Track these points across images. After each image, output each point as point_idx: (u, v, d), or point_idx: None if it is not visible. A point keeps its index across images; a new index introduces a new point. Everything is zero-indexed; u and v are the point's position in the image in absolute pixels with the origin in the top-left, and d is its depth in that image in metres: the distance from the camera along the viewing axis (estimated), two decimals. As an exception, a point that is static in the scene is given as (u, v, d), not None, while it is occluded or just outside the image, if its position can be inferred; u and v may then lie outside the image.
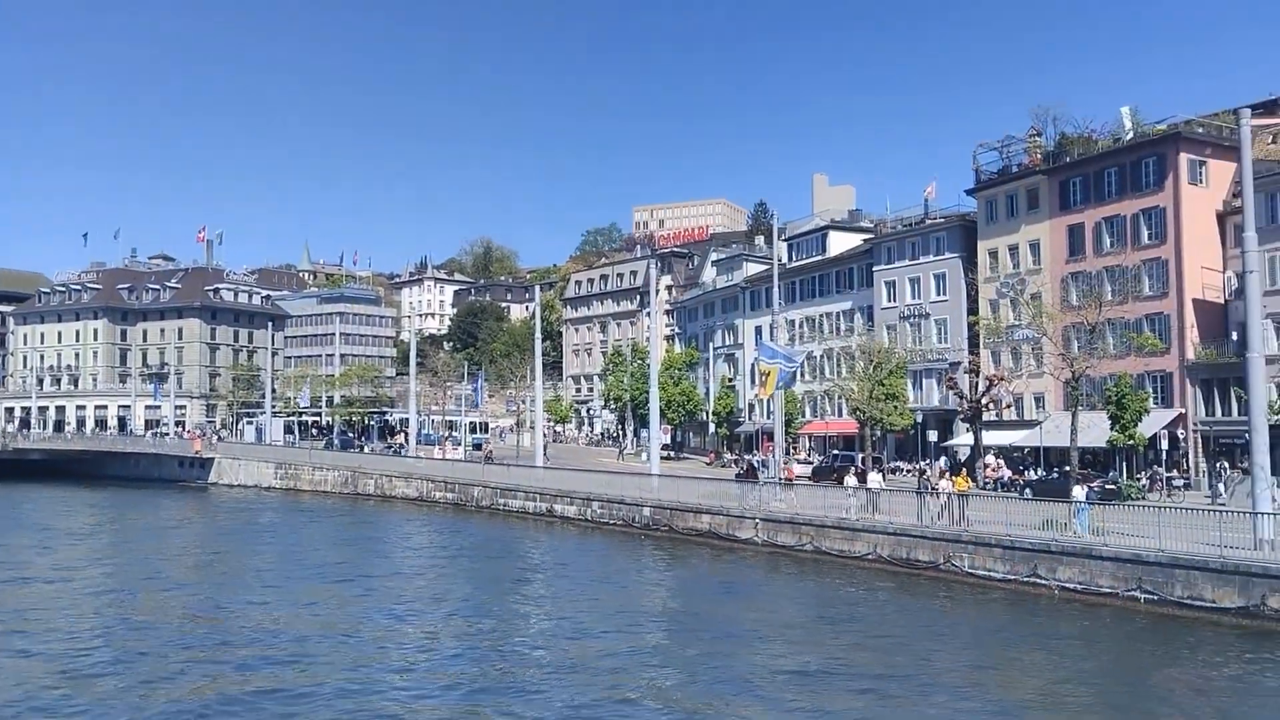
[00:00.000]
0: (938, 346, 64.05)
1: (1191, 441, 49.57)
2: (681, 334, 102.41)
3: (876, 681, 19.47)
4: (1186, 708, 17.99)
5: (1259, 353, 27.20)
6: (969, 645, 23.18)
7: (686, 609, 27.89)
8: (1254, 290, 27.37)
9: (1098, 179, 55.39)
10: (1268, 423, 27.66)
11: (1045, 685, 19.50)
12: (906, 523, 32.99)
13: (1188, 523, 26.60)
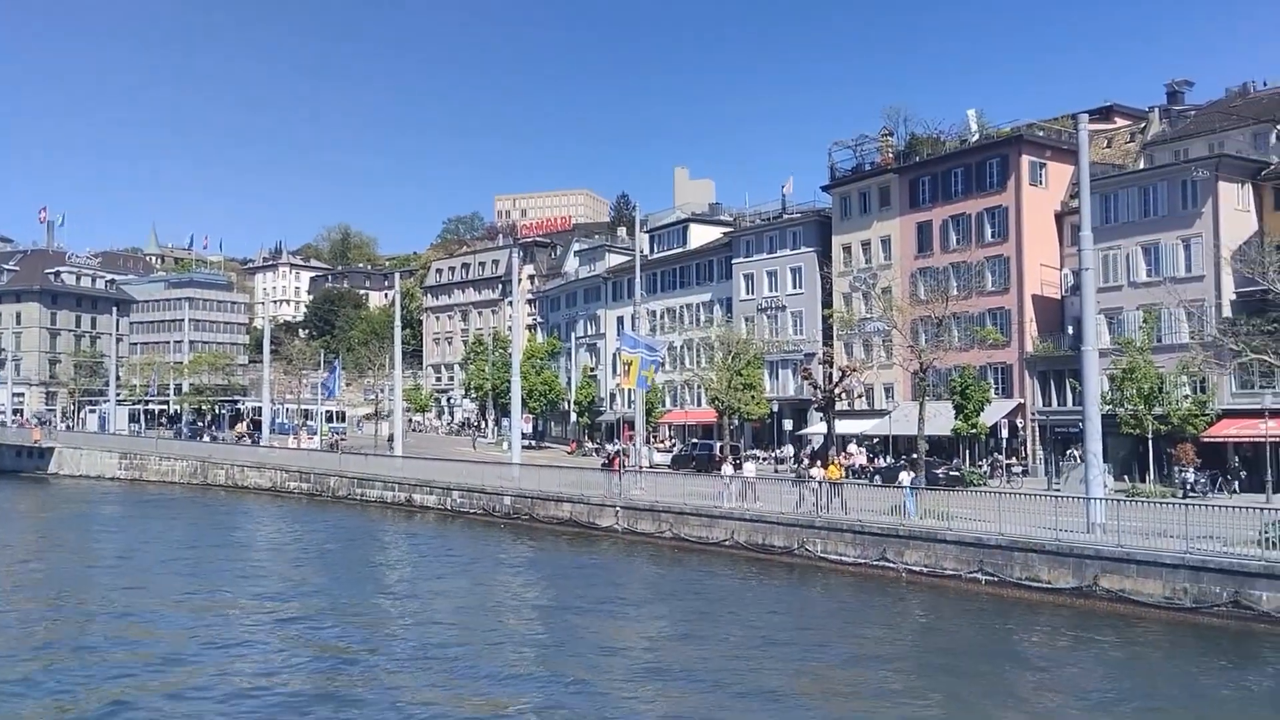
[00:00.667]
0: (794, 338, 65.57)
1: (1030, 430, 52.19)
2: (544, 323, 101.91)
3: (723, 662, 19.81)
4: (1016, 681, 18.78)
5: (1093, 346, 28.78)
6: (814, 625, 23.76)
7: (542, 595, 27.84)
8: (1089, 287, 28.87)
9: (945, 178, 57.62)
10: (1100, 413, 29.19)
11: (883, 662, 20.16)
12: (762, 509, 33.55)
13: (1026, 508, 27.76)
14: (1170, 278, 46.23)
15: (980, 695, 17.77)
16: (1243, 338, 30.41)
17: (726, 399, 46.06)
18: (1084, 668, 19.81)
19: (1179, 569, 22.71)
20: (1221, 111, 53.76)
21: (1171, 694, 17.87)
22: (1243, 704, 17.33)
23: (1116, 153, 56.95)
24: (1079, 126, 30.28)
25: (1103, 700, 17.65)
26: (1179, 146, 52.58)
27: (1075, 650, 21.00)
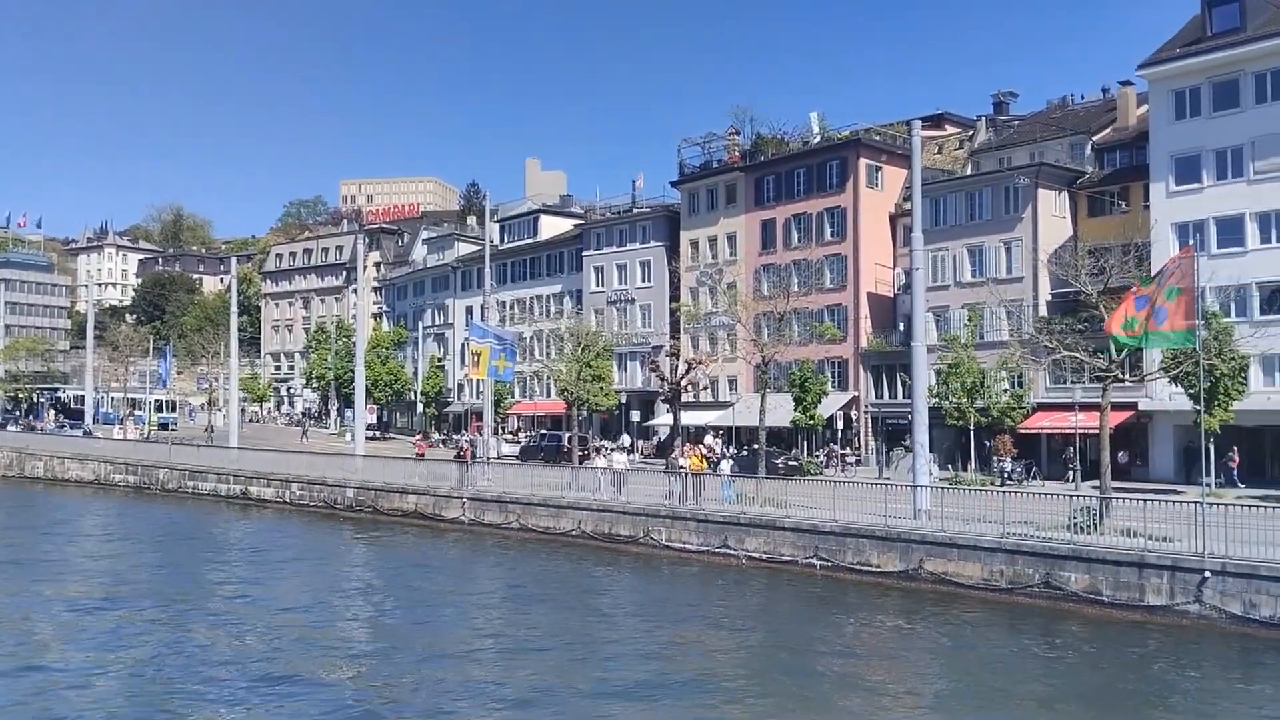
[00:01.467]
0: (642, 330, 66.40)
1: (864, 422, 54.48)
2: (390, 312, 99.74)
3: (562, 647, 20.02)
4: (846, 657, 19.59)
5: (922, 342, 30.25)
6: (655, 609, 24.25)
7: (383, 588, 27.37)
8: (919, 286, 30.39)
9: (788, 178, 59.42)
10: (927, 405, 30.68)
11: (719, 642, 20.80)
12: (607, 499, 33.91)
13: (858, 496, 28.92)
14: (993, 278, 49.07)
15: (812, 670, 18.48)
16: (1057, 336, 32.35)
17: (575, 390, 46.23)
18: (909, 644, 20.85)
19: (996, 552, 23.89)
20: (1042, 123, 57.27)
21: (986, 667, 18.96)
22: (1049, 676, 18.59)
23: (947, 159, 59.93)
24: (912, 133, 31.70)
25: (925, 672, 18.67)
26: (1003, 154, 55.75)
27: (902, 628, 22.03)
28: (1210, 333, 32.96)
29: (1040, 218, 48.56)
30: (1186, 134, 43.13)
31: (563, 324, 61.37)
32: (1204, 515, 21.35)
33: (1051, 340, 31.91)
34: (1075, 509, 24.78)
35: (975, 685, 17.85)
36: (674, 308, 61.90)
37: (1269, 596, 19.89)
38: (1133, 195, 47.53)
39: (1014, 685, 17.81)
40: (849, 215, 56.02)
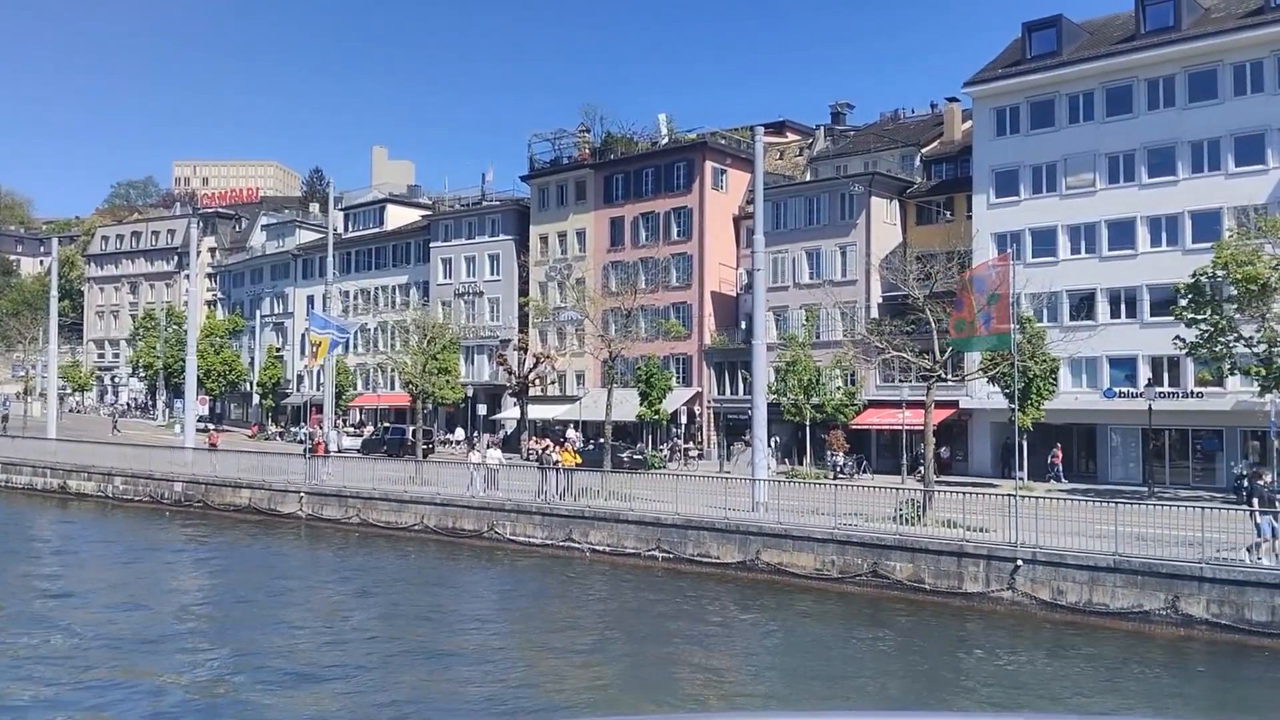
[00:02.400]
0: (490, 324, 65.99)
1: (706, 417, 55.77)
2: (225, 299, 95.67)
3: (392, 641, 20.03)
4: (682, 646, 20.19)
5: (762, 340, 31.28)
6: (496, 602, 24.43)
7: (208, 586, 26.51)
8: (760, 286, 31.39)
9: (637, 177, 60.17)
10: (766, 401, 31.74)
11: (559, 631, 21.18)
12: (452, 493, 33.64)
13: (700, 489, 29.60)
14: (829, 281, 51.05)
15: (648, 657, 19.03)
16: (886, 337, 33.99)
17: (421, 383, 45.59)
18: (746, 630, 21.70)
19: (828, 543, 24.85)
20: (876, 134, 59.85)
21: (818, 650, 19.91)
22: (875, 657, 19.72)
23: (788, 164, 61.87)
24: (755, 138, 32.76)
25: (760, 656, 19.51)
26: (840, 163, 57.97)
27: (739, 616, 22.85)
28: (1024, 336, 35.25)
29: (873, 224, 50.75)
30: (1006, 150, 45.95)
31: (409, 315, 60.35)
32: (1017, 507, 22.79)
33: (881, 341, 33.47)
34: (901, 501, 26.05)
35: (804, 668, 18.64)
36: (523, 302, 61.79)
37: (1074, 584, 21.35)
38: (957, 205, 50.28)
39: (840, 668, 18.70)
40: (695, 216, 57.17)
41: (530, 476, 33.61)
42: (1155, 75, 41.92)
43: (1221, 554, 20.19)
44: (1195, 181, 40.56)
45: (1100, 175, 43.18)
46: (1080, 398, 42.51)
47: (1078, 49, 45.12)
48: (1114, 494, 31.73)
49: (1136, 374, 41.21)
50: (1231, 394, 37.80)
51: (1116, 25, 45.57)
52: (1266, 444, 35.83)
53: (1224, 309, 32.92)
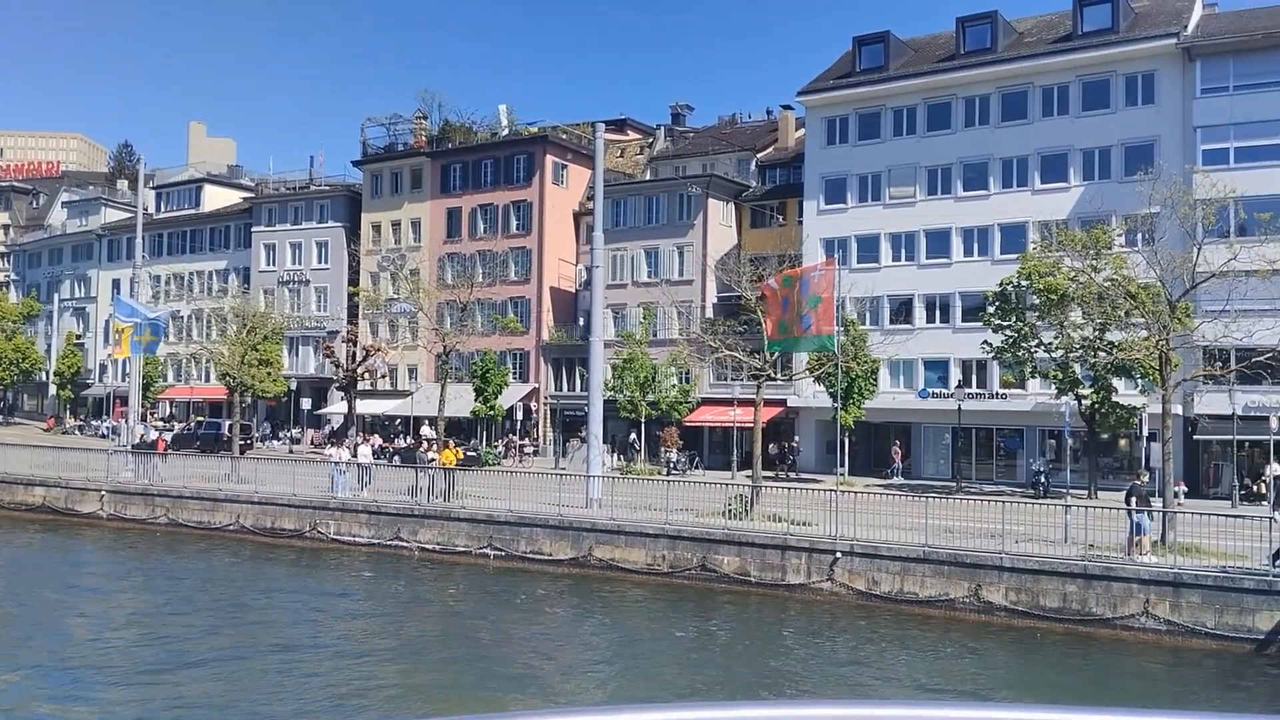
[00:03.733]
0: (317, 314, 63.67)
1: (543, 413, 55.53)
2: (20, 281, 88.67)
3: (204, 646, 19.13)
4: (510, 643, 20.04)
5: (600, 337, 31.52)
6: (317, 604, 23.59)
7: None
8: (599, 283, 31.60)
9: (476, 168, 59.31)
10: (603, 398, 31.93)
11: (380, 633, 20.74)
12: (272, 491, 32.24)
13: (534, 486, 29.45)
14: (666, 280, 51.72)
15: (479, 654, 18.75)
16: (720, 336, 34.62)
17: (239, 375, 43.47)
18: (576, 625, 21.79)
19: (660, 538, 25.17)
20: (714, 137, 60.98)
21: (649, 641, 20.23)
22: (701, 645, 20.13)
23: (628, 163, 62.30)
24: (596, 134, 32.85)
25: (590, 650, 19.66)
26: (679, 163, 58.77)
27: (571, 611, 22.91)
28: (848, 338, 36.66)
29: (710, 226, 51.72)
30: (835, 158, 47.69)
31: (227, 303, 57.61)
32: (837, 502, 23.71)
33: (715, 340, 34.09)
34: (730, 497, 26.66)
35: (633, 660, 18.86)
36: (352, 292, 59.86)
37: (888, 574, 22.44)
38: (789, 210, 51.83)
39: (667, 659, 18.96)
40: (535, 210, 56.80)
41: (404, 476, 32.34)
42: (972, 94, 44.40)
43: (1095, 551, 21.27)
44: (1005, 196, 43.18)
45: (920, 187, 45.41)
46: (898, 397, 44.55)
47: (903, 65, 47.28)
48: (926, 489, 33.44)
49: (949, 376, 43.55)
50: (1032, 395, 40.42)
51: (939, 44, 48.00)
52: (1061, 442, 38.50)
53: (1027, 316, 35.15)
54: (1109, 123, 41.05)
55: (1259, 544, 19.91)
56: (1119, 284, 28.36)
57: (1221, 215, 29.27)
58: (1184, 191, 28.47)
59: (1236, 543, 20.66)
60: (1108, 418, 34.56)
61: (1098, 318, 30.62)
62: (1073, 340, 33.01)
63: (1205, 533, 21.55)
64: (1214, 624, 19.21)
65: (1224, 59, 39.06)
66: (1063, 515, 23.31)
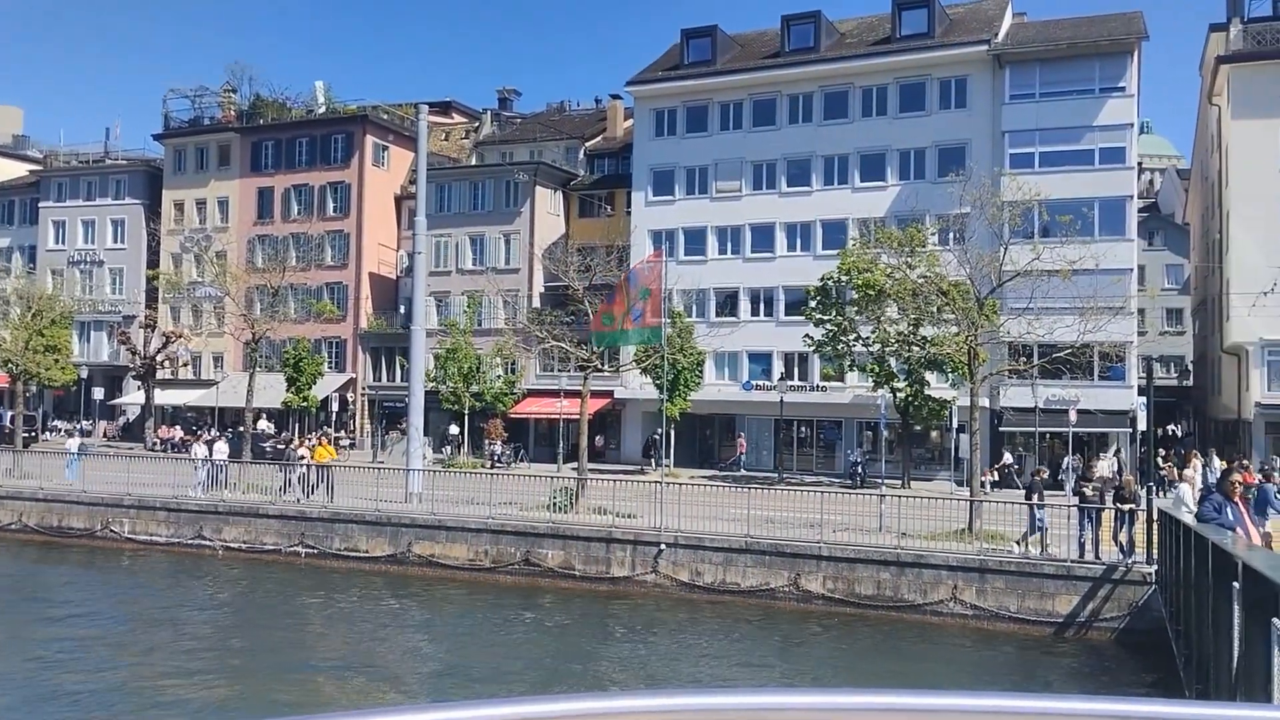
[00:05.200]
0: (111, 297, 59.32)
1: (360, 404, 53.52)
2: None
3: None
4: (323, 643, 19.33)
5: (421, 326, 30.55)
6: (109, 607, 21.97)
7: None
8: (421, 270, 30.58)
9: (290, 146, 56.55)
10: (425, 389, 30.94)
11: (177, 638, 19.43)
12: (58, 488, 29.80)
13: (350, 480, 28.42)
14: (492, 268, 50.74)
15: (282, 657, 17.94)
16: (547, 326, 34.13)
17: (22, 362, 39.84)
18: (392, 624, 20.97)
19: (482, 533, 24.69)
20: (542, 123, 60.26)
21: (470, 638, 19.75)
22: (525, 640, 19.70)
23: (453, 146, 60.82)
24: (419, 116, 31.76)
25: (406, 649, 19.05)
26: (506, 149, 57.79)
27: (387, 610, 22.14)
28: (675, 330, 36.79)
29: (537, 214, 51.06)
30: (664, 150, 47.84)
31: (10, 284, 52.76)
32: (662, 494, 23.68)
33: (542, 330, 33.58)
34: (555, 490, 26.33)
35: (453, 657, 18.37)
36: (151, 274, 55.91)
37: (711, 565, 22.63)
38: (617, 201, 51.72)
39: (489, 655, 18.50)
40: (354, 192, 54.68)
41: (268, 475, 30.10)
42: (796, 92, 45.33)
43: (992, 546, 21.73)
44: (827, 193, 44.32)
45: (746, 181, 46.08)
46: (723, 389, 45.14)
47: (730, 60, 47.86)
48: (749, 480, 33.95)
49: (772, 368, 44.41)
50: (850, 388, 41.68)
51: (765, 41, 48.81)
52: (877, 434, 39.85)
53: (846, 311, 36.16)
54: (924, 125, 42.72)
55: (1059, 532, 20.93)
56: (932, 281, 29.46)
57: (1026, 217, 30.85)
58: (992, 193, 29.88)
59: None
60: (920, 410, 35.97)
61: (912, 313, 31.74)
62: (889, 335, 34.13)
63: (1010, 520, 22.55)
64: (1016, 608, 20.08)
65: (1031, 67, 41.24)
66: (878, 505, 23.99)
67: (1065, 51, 40.69)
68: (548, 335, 32.56)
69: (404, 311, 49.74)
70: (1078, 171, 39.06)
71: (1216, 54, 42.02)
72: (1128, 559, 19.80)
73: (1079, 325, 27.48)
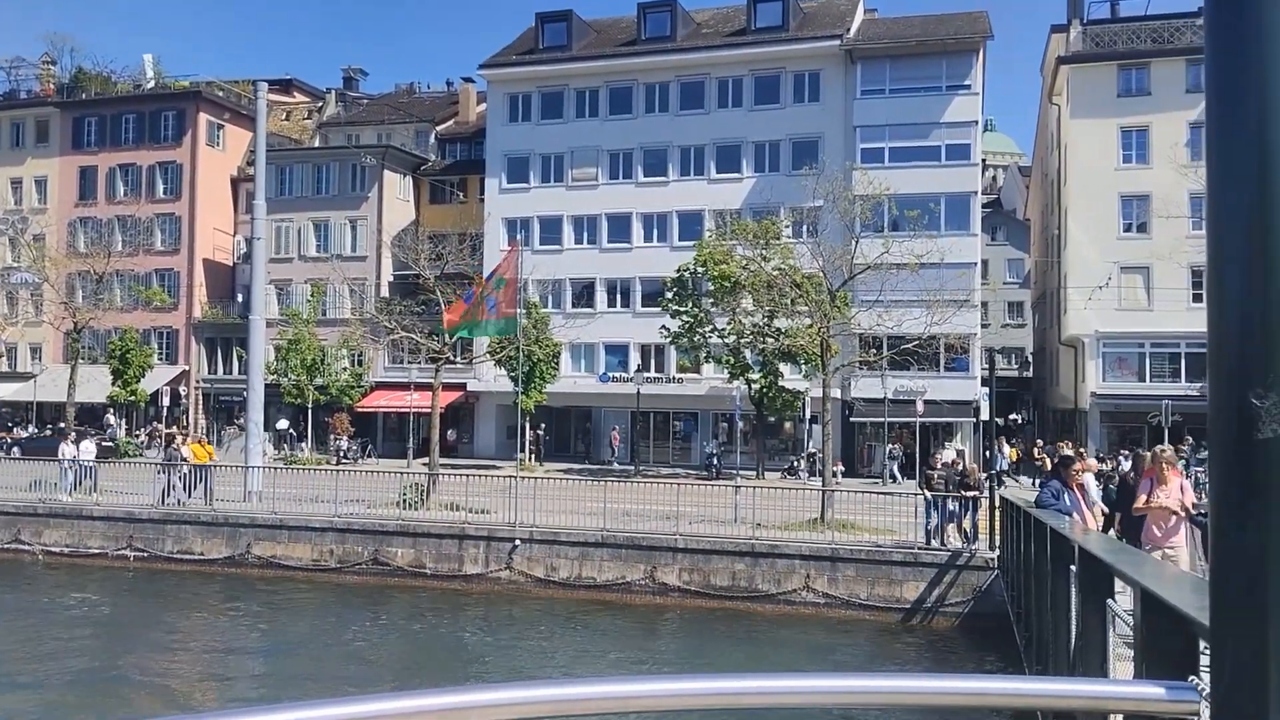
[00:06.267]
0: (-87, 283, 54.56)
1: (194, 398, 50.79)
2: None
3: None
4: (150, 652, 18.16)
5: (261, 315, 29.26)
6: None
7: None
8: (260, 256, 29.34)
9: (116, 123, 53.24)
10: (265, 382, 29.71)
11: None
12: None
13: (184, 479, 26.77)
14: (338, 255, 48.93)
15: (106, 667, 16.85)
16: (396, 316, 33.12)
17: None
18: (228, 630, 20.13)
19: (327, 532, 23.86)
20: (391, 105, 58.41)
21: (313, 641, 19.03)
22: (372, 641, 19.08)
23: (295, 127, 58.38)
24: (258, 93, 30.44)
25: (250, 651, 18.38)
26: (352, 131, 55.83)
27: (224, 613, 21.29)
28: (530, 321, 36.19)
29: (386, 199, 49.57)
30: (518, 136, 47.00)
31: None
32: (516, 488, 23.24)
33: (391, 321, 32.55)
34: (405, 486, 25.66)
35: (295, 661, 17.64)
36: (-40, 258, 51.81)
37: (567, 560, 22.39)
38: (470, 187, 50.63)
39: (334, 658, 17.84)
40: (186, 173, 51.92)
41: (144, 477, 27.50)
42: (652, 81, 45.23)
43: (762, 530, 21.82)
44: (683, 184, 44.42)
45: (603, 170, 45.76)
46: (579, 382, 44.78)
47: (586, 46, 47.38)
48: (605, 473, 33.75)
49: (629, 360, 44.27)
50: (706, 380, 41.97)
51: (621, 28, 48.51)
52: (733, 425, 40.28)
53: (702, 303, 36.32)
54: (779, 117, 43.24)
55: (908, 520, 21.41)
56: (786, 273, 29.86)
57: (877, 211, 31.62)
58: (844, 187, 30.48)
59: (887, 518, 22.16)
60: (775, 401, 36.45)
61: (767, 305, 32.07)
62: (744, 326, 34.44)
63: (860, 510, 23.00)
64: (867, 595, 20.45)
65: (881, 63, 42.22)
66: (733, 496, 24.10)
67: (914, 49, 41.83)
68: (397, 326, 31.61)
69: (242, 300, 47.49)
70: (925, 167, 40.24)
71: (1057, 55, 43.96)
72: (971, 545, 20.41)
73: (926, 318, 28.31)
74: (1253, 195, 1.32)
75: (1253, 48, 1.32)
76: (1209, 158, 1.38)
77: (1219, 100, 1.36)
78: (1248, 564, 1.32)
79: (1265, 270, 1.31)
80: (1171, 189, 37.14)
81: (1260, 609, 1.31)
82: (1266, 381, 1.29)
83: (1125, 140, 40.11)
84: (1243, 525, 1.32)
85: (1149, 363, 39.72)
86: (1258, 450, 1.30)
